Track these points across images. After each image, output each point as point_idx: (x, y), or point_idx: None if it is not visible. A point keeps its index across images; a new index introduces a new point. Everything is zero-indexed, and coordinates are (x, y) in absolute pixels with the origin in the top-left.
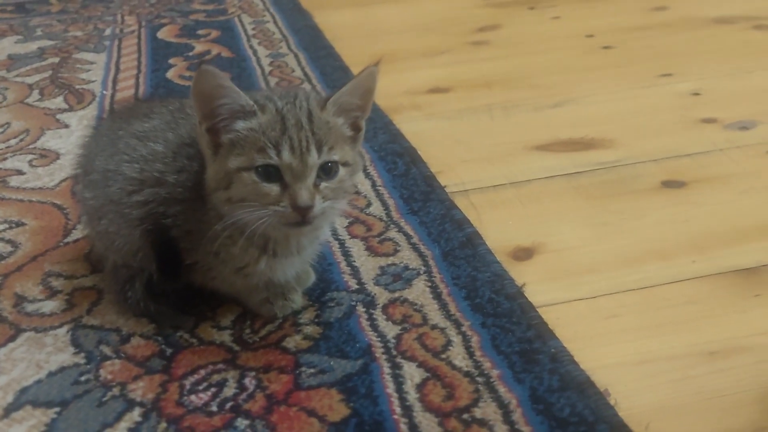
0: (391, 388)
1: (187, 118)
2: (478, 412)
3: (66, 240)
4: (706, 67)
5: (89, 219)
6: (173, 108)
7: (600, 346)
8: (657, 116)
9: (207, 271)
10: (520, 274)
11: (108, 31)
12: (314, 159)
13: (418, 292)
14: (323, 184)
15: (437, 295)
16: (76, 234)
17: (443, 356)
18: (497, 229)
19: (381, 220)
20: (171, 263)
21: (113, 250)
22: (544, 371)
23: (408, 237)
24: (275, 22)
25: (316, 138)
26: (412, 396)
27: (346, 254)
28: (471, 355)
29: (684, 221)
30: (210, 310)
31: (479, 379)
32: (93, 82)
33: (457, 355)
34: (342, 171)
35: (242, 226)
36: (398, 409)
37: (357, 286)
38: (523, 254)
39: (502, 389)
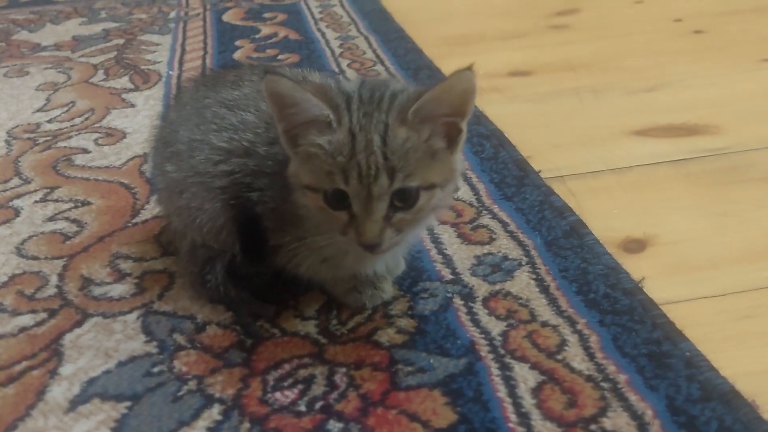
0: (502, 391)
1: None
2: (607, 423)
3: (134, 220)
4: None
5: (168, 194)
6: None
7: (736, 350)
8: (764, 102)
9: (292, 257)
10: (634, 267)
11: (172, 14)
12: (383, 188)
13: (522, 284)
14: (397, 215)
15: (544, 289)
16: (146, 214)
17: (559, 357)
18: (601, 218)
19: (471, 205)
20: (255, 242)
21: (194, 227)
22: (680, 378)
23: (504, 224)
24: (342, 6)
25: (389, 164)
26: (528, 402)
27: (436, 241)
28: (591, 356)
29: None
30: (292, 297)
31: (604, 384)
32: (159, 62)
33: (575, 357)
34: (424, 197)
35: None
36: (513, 416)
37: (451, 277)
38: (635, 246)
39: (633, 397)
